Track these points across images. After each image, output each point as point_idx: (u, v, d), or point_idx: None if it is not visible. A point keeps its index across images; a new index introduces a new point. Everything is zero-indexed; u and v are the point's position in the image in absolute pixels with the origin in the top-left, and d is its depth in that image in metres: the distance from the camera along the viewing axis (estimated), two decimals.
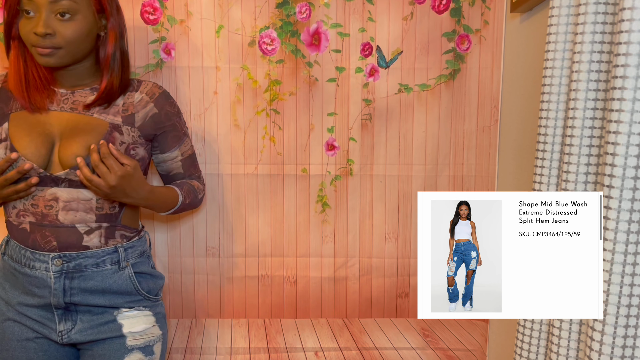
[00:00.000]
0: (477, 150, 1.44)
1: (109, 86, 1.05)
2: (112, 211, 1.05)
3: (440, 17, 1.39)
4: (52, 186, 1.01)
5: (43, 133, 1.01)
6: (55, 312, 1.03)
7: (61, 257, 1.01)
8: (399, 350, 1.43)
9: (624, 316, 0.70)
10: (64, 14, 0.96)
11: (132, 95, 1.09)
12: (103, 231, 1.05)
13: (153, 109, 1.09)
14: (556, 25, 0.85)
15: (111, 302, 1.05)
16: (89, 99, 1.05)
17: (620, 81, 0.67)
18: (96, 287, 1.04)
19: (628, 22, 0.67)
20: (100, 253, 1.04)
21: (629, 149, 0.67)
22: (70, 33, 0.97)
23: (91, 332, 1.05)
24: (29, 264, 1.02)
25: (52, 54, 0.97)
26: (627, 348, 0.70)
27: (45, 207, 1.01)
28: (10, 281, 1.05)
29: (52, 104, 1.04)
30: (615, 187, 0.68)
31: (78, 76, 1.06)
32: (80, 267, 1.02)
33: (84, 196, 1.02)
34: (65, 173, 0.99)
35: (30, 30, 0.96)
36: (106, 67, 1.05)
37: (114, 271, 1.05)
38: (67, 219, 1.01)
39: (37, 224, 1.01)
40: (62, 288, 1.02)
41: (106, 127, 1.03)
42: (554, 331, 0.84)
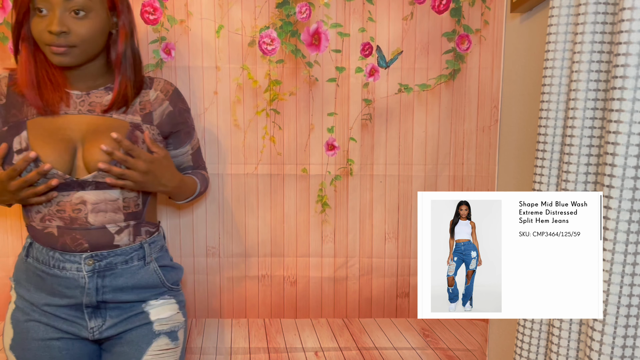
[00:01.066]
0: (477, 150, 1.44)
1: (123, 85, 1.03)
2: (137, 209, 1.06)
3: (440, 17, 1.39)
4: (78, 190, 1.00)
5: (64, 139, 0.99)
6: (85, 311, 1.03)
7: (93, 256, 1.01)
8: (399, 350, 1.43)
9: (624, 316, 0.70)
10: (79, 11, 0.95)
11: (147, 93, 1.08)
12: (131, 229, 1.05)
13: (168, 107, 1.10)
14: (556, 25, 0.85)
15: (139, 297, 1.06)
16: (105, 99, 1.04)
17: (620, 81, 0.67)
18: (126, 283, 1.04)
19: (628, 22, 0.67)
20: (128, 250, 1.04)
21: (629, 149, 0.67)
22: (84, 31, 0.96)
23: (121, 325, 1.05)
24: (58, 265, 1.01)
25: (66, 52, 0.96)
26: (627, 348, 0.70)
27: (73, 210, 1.00)
28: (35, 283, 1.04)
29: (69, 107, 1.02)
30: (615, 187, 0.68)
31: (91, 76, 1.04)
32: (111, 265, 1.03)
33: (111, 197, 1.02)
34: (92, 176, 0.99)
35: (44, 29, 0.94)
36: (118, 66, 1.04)
37: (141, 266, 1.06)
38: (98, 221, 1.01)
39: (65, 227, 1.00)
40: (95, 287, 1.02)
41: (127, 127, 1.03)
42: (554, 331, 0.84)
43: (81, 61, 1.00)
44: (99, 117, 1.03)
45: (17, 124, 1.00)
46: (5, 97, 1.03)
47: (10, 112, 1.02)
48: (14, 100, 1.02)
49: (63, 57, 0.97)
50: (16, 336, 1.04)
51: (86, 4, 0.95)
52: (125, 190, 1.03)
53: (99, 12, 0.98)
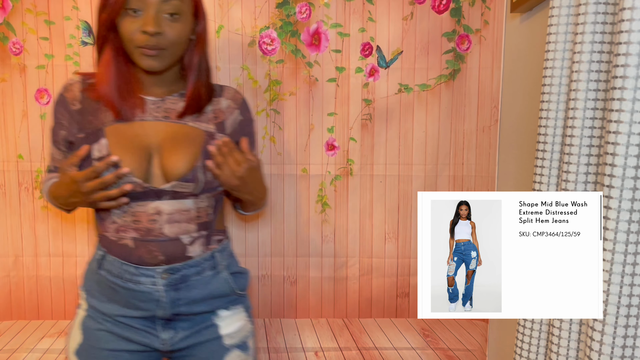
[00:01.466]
0: (477, 150, 1.44)
1: (196, 92, 1.02)
2: (208, 218, 1.03)
3: (440, 17, 1.39)
4: (154, 200, 0.97)
5: (141, 146, 0.97)
6: (158, 322, 1.02)
7: (167, 270, 0.99)
8: (399, 350, 1.43)
9: (624, 316, 0.70)
10: (173, 14, 0.94)
11: (219, 101, 1.06)
12: (203, 239, 1.03)
13: (239, 116, 1.08)
14: (556, 25, 0.85)
15: (211, 307, 1.04)
16: (179, 105, 1.02)
17: (620, 81, 0.67)
18: (199, 295, 1.02)
19: (628, 22, 0.67)
20: (200, 261, 1.02)
21: (629, 149, 0.67)
22: (175, 34, 0.95)
23: (192, 338, 1.03)
24: (133, 279, 0.99)
25: (157, 55, 0.95)
26: (627, 348, 0.70)
27: (149, 221, 0.97)
28: (108, 295, 1.02)
29: (144, 114, 1.00)
30: (615, 187, 0.68)
31: (167, 82, 1.03)
32: (185, 278, 1.01)
33: (185, 207, 0.99)
34: (171, 185, 0.96)
35: (138, 29, 0.93)
36: (193, 72, 1.02)
37: (212, 276, 1.04)
38: (172, 232, 0.99)
39: (140, 239, 0.98)
40: (170, 300, 1.00)
41: (202, 136, 1.01)
42: (554, 331, 0.84)
43: (167, 66, 0.98)
44: (174, 124, 1.01)
45: (95, 131, 0.97)
46: (80, 102, 1.01)
47: (86, 119, 1.00)
48: (88, 106, 1.00)
49: (153, 60, 0.95)
50: (85, 343, 1.02)
51: (180, 7, 0.95)
52: (199, 200, 1.00)
53: (187, 17, 0.97)
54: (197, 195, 0.99)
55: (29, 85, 1.37)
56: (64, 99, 1.02)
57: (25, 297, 1.44)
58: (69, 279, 1.43)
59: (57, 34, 1.35)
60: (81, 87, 1.01)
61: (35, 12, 1.34)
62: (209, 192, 1.01)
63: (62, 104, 1.02)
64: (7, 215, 1.41)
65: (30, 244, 1.42)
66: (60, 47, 1.36)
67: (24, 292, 1.44)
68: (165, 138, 0.99)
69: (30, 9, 1.34)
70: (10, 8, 1.33)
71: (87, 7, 1.35)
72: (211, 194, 1.02)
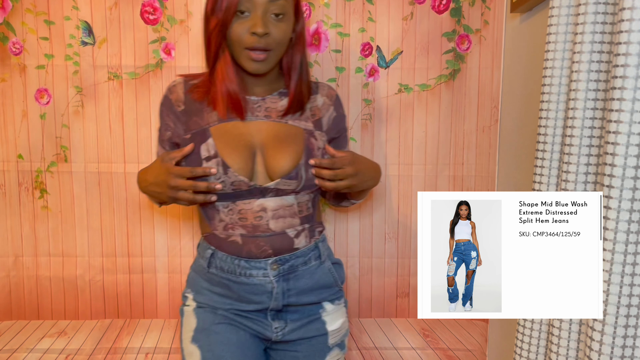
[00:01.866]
0: (477, 150, 1.44)
1: (298, 90, 1.04)
2: (308, 212, 1.06)
3: (440, 17, 1.39)
4: (259, 197, 1.00)
5: (246, 145, 1.00)
6: (269, 314, 1.04)
7: (277, 261, 1.01)
8: (399, 350, 1.43)
9: (624, 316, 0.70)
10: (279, 14, 0.95)
11: (315, 98, 1.08)
12: (307, 232, 1.05)
13: (333, 112, 1.10)
14: (556, 25, 0.85)
15: (318, 298, 1.07)
16: (279, 104, 1.04)
17: (620, 81, 0.67)
18: (307, 284, 1.05)
19: (628, 22, 0.67)
20: (306, 251, 1.05)
21: (629, 149, 0.67)
22: (281, 34, 0.97)
23: (300, 331, 1.06)
24: (245, 273, 1.01)
25: (265, 59, 0.97)
26: (627, 348, 0.70)
27: (255, 218, 1.00)
28: (220, 292, 1.04)
29: (247, 113, 1.02)
30: (615, 187, 0.68)
31: (268, 81, 1.05)
32: (293, 268, 1.03)
33: (288, 203, 1.02)
34: (275, 183, 0.99)
35: (247, 31, 0.94)
36: (294, 71, 1.04)
37: (317, 266, 1.07)
38: (278, 227, 1.01)
39: (248, 235, 1.01)
40: (281, 291, 1.02)
41: (303, 134, 1.03)
42: (554, 331, 0.84)
43: (271, 67, 1.00)
44: (276, 123, 1.03)
45: (202, 131, 1.00)
46: (184, 103, 1.03)
47: (192, 119, 1.02)
48: (193, 107, 1.02)
49: (260, 64, 0.97)
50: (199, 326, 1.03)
51: (284, 7, 0.96)
52: (299, 195, 1.03)
53: (290, 16, 0.99)
54: (298, 192, 1.02)
55: (28, 85, 1.37)
56: (169, 101, 1.05)
57: (25, 297, 1.44)
58: (69, 279, 1.43)
59: (57, 34, 1.35)
60: (184, 88, 1.04)
61: (35, 12, 1.34)
62: (309, 189, 1.03)
63: (167, 105, 1.05)
64: (7, 215, 1.41)
65: (30, 244, 1.42)
66: (60, 47, 1.36)
67: (24, 292, 1.44)
68: (267, 137, 1.01)
69: (30, 9, 1.34)
70: (10, 8, 1.33)
71: (87, 7, 1.35)
72: (311, 190, 1.04)
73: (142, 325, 1.45)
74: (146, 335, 1.42)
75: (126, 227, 1.43)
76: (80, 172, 1.40)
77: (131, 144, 1.40)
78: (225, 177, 0.96)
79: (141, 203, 1.42)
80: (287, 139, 1.01)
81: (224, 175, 0.96)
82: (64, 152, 1.39)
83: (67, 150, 1.39)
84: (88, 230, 1.42)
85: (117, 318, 1.45)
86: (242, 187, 0.98)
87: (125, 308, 1.45)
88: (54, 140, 1.39)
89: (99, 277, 1.43)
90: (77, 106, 1.38)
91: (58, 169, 1.40)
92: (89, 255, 1.43)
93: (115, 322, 1.45)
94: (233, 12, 0.94)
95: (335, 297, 1.10)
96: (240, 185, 0.97)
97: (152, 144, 1.40)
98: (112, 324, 1.45)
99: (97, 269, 1.43)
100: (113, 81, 1.38)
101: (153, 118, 1.39)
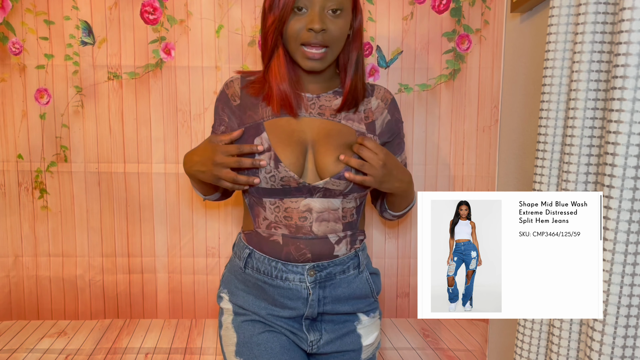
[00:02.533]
0: (477, 150, 1.44)
1: (353, 87, 1.03)
2: (352, 218, 1.04)
3: (440, 17, 1.39)
4: (307, 197, 0.99)
5: (298, 141, 0.99)
6: (304, 323, 1.03)
7: (315, 267, 1.00)
8: (399, 350, 1.43)
9: (624, 316, 0.70)
10: (336, 10, 0.95)
11: (369, 100, 1.08)
12: (348, 239, 1.04)
13: (387, 116, 1.08)
14: (556, 25, 0.85)
15: (354, 308, 1.05)
16: (334, 103, 1.04)
17: (620, 81, 0.67)
18: (343, 294, 1.03)
19: (628, 22, 0.67)
20: (345, 259, 1.03)
21: (629, 149, 0.67)
22: (338, 30, 0.96)
23: (335, 344, 1.05)
24: (281, 276, 1.00)
25: (321, 58, 0.96)
26: (627, 348, 0.70)
27: (300, 218, 0.99)
28: (255, 294, 1.03)
29: (301, 110, 1.02)
30: (616, 187, 0.68)
31: (323, 79, 1.04)
32: (331, 276, 1.02)
33: (333, 206, 1.01)
34: (324, 182, 0.97)
35: (304, 27, 0.94)
36: (350, 68, 1.03)
37: (355, 275, 1.05)
38: (320, 230, 1.00)
39: (290, 236, 1.00)
40: (317, 298, 1.01)
41: (354, 135, 1.02)
42: (554, 331, 0.84)
43: (327, 64, 0.99)
44: (329, 121, 1.02)
45: (255, 125, 1.00)
46: (239, 98, 1.04)
47: (246, 114, 1.02)
48: (248, 102, 1.03)
49: (316, 62, 0.97)
50: (240, 340, 1.02)
51: (342, 3, 0.95)
52: (345, 200, 1.02)
53: (348, 13, 0.98)
54: (346, 195, 1.01)
55: (28, 85, 1.37)
56: (225, 95, 1.06)
57: (25, 297, 1.44)
58: (68, 279, 1.43)
59: (57, 33, 1.35)
60: (240, 84, 1.05)
61: (35, 12, 1.34)
62: (356, 193, 1.02)
63: (223, 100, 1.06)
64: (7, 215, 1.41)
65: (30, 244, 1.42)
66: (60, 47, 1.36)
67: (23, 292, 1.44)
68: (319, 134, 1.00)
69: (29, 9, 1.34)
70: (9, 8, 1.33)
71: (87, 7, 1.35)
72: (358, 194, 1.03)
73: (142, 325, 1.45)
74: (146, 335, 1.42)
75: (126, 227, 1.42)
76: (80, 172, 1.40)
77: (131, 144, 1.40)
78: (276, 171, 0.96)
79: (141, 203, 1.42)
80: (338, 138, 1.00)
81: (275, 170, 0.96)
82: (64, 152, 1.39)
83: (67, 150, 1.39)
84: (88, 230, 1.42)
85: (117, 318, 1.45)
86: (291, 184, 0.97)
87: (125, 308, 1.45)
88: (53, 140, 1.39)
89: (98, 277, 1.43)
90: (77, 106, 1.38)
91: (58, 169, 1.40)
92: (88, 255, 1.43)
93: (115, 322, 1.45)
94: (290, 8, 0.94)
95: (370, 309, 1.08)
96: (290, 181, 0.97)
97: (151, 144, 1.40)
98: (112, 324, 1.45)
99: (97, 269, 1.43)
100: (113, 81, 1.38)
101: (153, 118, 1.39)
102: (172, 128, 1.40)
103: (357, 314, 1.06)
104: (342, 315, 1.05)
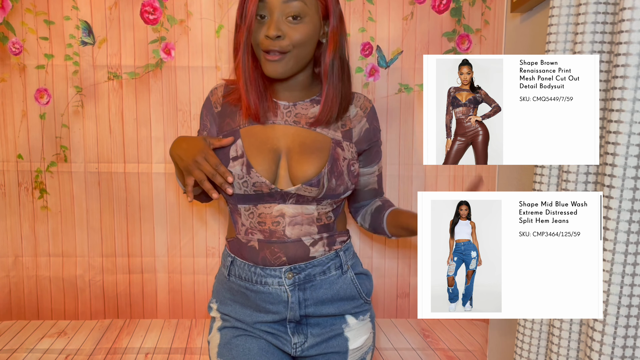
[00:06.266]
0: None
1: (330, 97, 1.02)
2: (328, 221, 1.05)
3: (440, 17, 1.39)
4: (280, 202, 1.00)
5: (272, 148, 1.00)
6: (288, 326, 1.04)
7: (292, 269, 1.01)
8: (399, 351, 1.43)
9: (624, 316, 0.70)
10: (296, 16, 0.95)
11: (349, 109, 1.08)
12: (325, 240, 1.04)
13: (365, 124, 1.09)
14: (556, 25, 0.85)
15: (340, 310, 1.05)
16: (310, 111, 1.04)
17: (620, 81, 0.67)
18: (325, 295, 1.04)
19: (628, 22, 0.67)
20: (324, 260, 1.04)
21: (629, 149, 0.67)
22: (298, 36, 0.96)
23: (320, 347, 1.05)
24: (260, 281, 1.01)
25: (280, 60, 0.96)
26: (628, 348, 0.70)
27: (273, 223, 1.01)
28: (240, 301, 1.05)
29: (276, 117, 1.03)
30: (616, 187, 0.68)
31: (298, 87, 1.05)
32: (310, 277, 1.02)
33: (307, 210, 1.02)
34: (295, 188, 0.98)
35: (263, 34, 0.95)
36: (325, 76, 1.02)
37: (338, 276, 1.05)
38: (294, 234, 1.01)
39: (265, 241, 1.01)
40: (297, 301, 1.02)
41: (330, 143, 1.03)
42: (554, 331, 0.84)
43: (291, 70, 0.99)
44: (303, 129, 1.03)
45: (232, 132, 1.02)
46: (221, 105, 1.06)
47: (225, 121, 1.05)
48: (228, 110, 1.05)
49: (276, 64, 0.96)
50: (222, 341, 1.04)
51: (303, 9, 0.95)
52: (320, 206, 1.03)
53: (313, 19, 0.98)
54: (320, 201, 1.01)
55: (28, 85, 1.37)
56: (210, 102, 1.08)
57: (25, 297, 1.44)
58: (68, 279, 1.43)
59: (57, 33, 1.35)
60: (224, 91, 1.07)
61: (35, 11, 1.34)
62: (330, 199, 1.02)
63: (207, 106, 1.09)
64: (7, 215, 1.41)
65: (30, 244, 1.42)
66: (60, 47, 1.36)
67: (23, 292, 1.44)
68: (293, 142, 1.01)
69: (29, 9, 1.34)
70: (9, 8, 1.33)
71: (87, 7, 1.35)
72: (333, 200, 1.03)
73: (141, 326, 1.45)
74: (146, 336, 1.42)
75: (126, 227, 1.42)
76: (80, 172, 1.40)
77: (131, 144, 1.40)
78: (248, 177, 0.97)
79: (141, 203, 1.42)
80: (313, 146, 1.01)
81: (247, 176, 0.97)
82: (64, 152, 1.39)
83: (66, 150, 1.39)
84: (88, 230, 1.42)
85: (116, 318, 1.45)
86: (263, 189, 0.98)
87: (125, 308, 1.45)
88: (53, 140, 1.39)
89: (98, 277, 1.43)
90: (77, 106, 1.38)
91: (58, 169, 1.40)
92: (88, 255, 1.43)
93: (115, 322, 1.45)
94: (254, 16, 0.96)
95: (359, 311, 1.08)
96: (262, 187, 0.98)
97: (151, 144, 1.40)
98: (112, 324, 1.45)
99: (97, 269, 1.43)
100: (113, 81, 1.38)
101: (153, 118, 1.39)
102: (172, 128, 1.40)
103: (344, 316, 1.06)
104: (329, 318, 1.05)
